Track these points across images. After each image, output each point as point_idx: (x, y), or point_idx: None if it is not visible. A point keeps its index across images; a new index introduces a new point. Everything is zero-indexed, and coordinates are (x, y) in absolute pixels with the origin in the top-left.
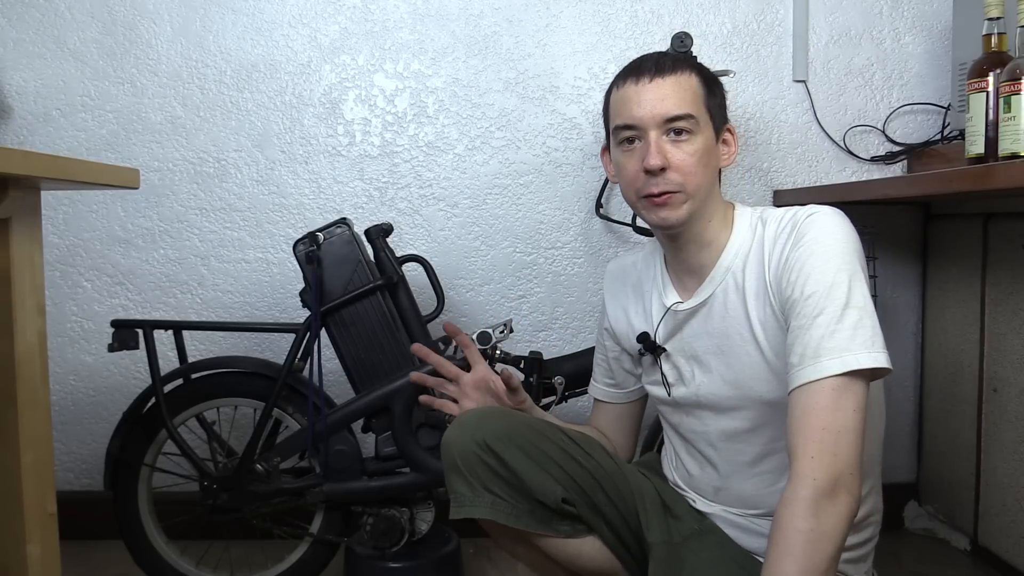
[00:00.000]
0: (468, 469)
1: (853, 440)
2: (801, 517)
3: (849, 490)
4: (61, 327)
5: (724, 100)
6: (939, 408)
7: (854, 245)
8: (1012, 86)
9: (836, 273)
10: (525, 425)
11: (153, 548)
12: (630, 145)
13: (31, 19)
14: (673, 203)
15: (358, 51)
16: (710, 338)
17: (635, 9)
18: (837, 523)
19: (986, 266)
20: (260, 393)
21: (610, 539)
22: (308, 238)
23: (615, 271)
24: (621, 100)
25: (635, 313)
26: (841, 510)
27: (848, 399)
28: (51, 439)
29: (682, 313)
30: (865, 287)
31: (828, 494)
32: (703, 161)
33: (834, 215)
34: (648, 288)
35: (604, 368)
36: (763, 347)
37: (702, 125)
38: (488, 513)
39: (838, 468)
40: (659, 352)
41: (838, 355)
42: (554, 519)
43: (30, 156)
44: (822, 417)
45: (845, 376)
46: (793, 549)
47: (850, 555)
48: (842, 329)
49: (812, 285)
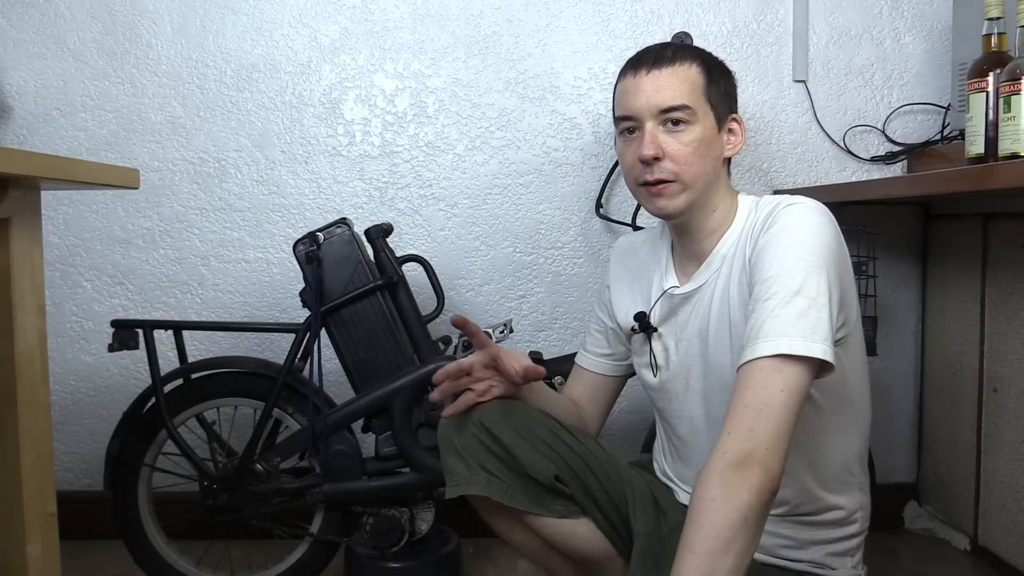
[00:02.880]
0: (464, 447)
1: (773, 417)
2: (707, 487)
3: (763, 465)
4: (61, 327)
5: (732, 89)
6: (939, 408)
7: (823, 239)
8: (1012, 86)
9: (794, 262)
10: (519, 410)
11: (153, 548)
12: (630, 135)
13: (31, 19)
14: (669, 192)
15: (358, 51)
16: (700, 323)
17: (635, 9)
18: (741, 494)
19: (986, 266)
20: (260, 393)
21: (602, 523)
22: (308, 238)
23: (625, 247)
24: (622, 92)
25: (635, 292)
26: (748, 483)
27: (776, 379)
28: (51, 439)
29: (677, 297)
30: (825, 281)
31: (736, 466)
32: (700, 151)
33: (810, 208)
34: (650, 270)
35: (597, 338)
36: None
37: (700, 115)
38: (483, 490)
39: (752, 444)
40: (651, 331)
41: (774, 338)
42: (548, 498)
43: (30, 156)
44: (746, 395)
45: (776, 358)
46: (696, 518)
47: (835, 548)
48: (784, 315)
49: (768, 270)
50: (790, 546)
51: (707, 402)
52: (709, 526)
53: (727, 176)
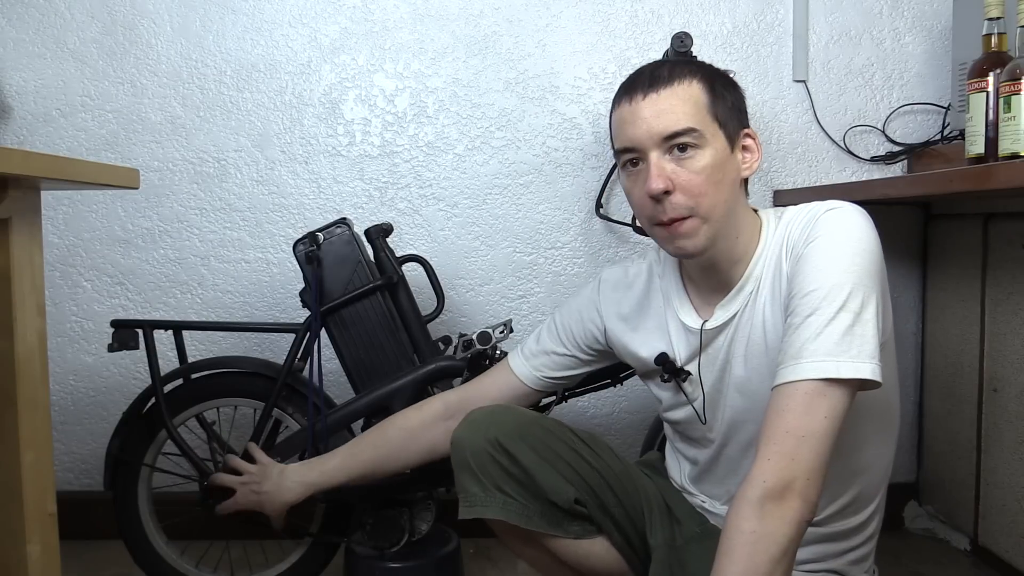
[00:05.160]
0: (480, 468)
1: (816, 446)
2: (745, 518)
3: (803, 495)
4: (61, 327)
5: (741, 102)
6: (939, 408)
7: (868, 245)
8: (1012, 86)
9: (839, 274)
10: (536, 423)
11: (153, 548)
12: (634, 168)
13: (31, 19)
14: (687, 231)
15: (358, 51)
16: (737, 351)
17: (635, 9)
18: (782, 527)
19: (986, 266)
20: (260, 393)
21: (618, 540)
22: (308, 238)
23: (613, 282)
24: (619, 122)
25: (643, 330)
26: (789, 515)
27: (820, 404)
28: (51, 439)
29: (708, 332)
30: (871, 294)
31: (776, 497)
32: (714, 177)
33: (853, 213)
34: (657, 307)
35: (553, 359)
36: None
37: (709, 137)
38: (500, 513)
39: (793, 472)
40: (683, 376)
41: (819, 359)
42: (565, 520)
43: (30, 156)
44: (788, 420)
45: (822, 381)
46: (734, 550)
47: (853, 556)
48: (830, 333)
49: (812, 283)
50: (813, 559)
51: (741, 427)
52: (747, 560)
53: (745, 196)
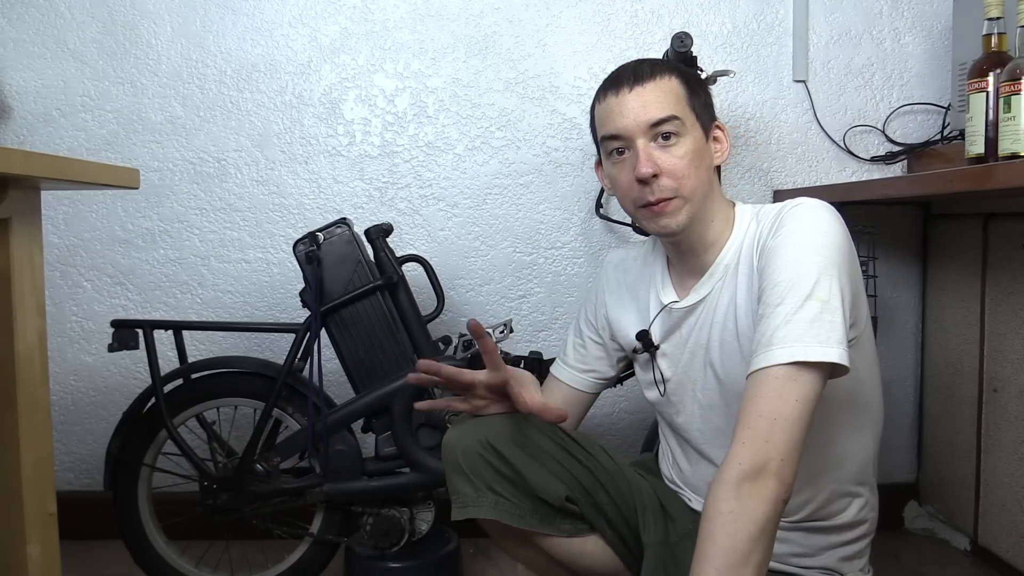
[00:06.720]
0: (471, 469)
1: (788, 428)
2: (723, 499)
3: (778, 476)
4: (61, 327)
5: (709, 98)
6: (939, 408)
7: (834, 238)
8: (1012, 86)
9: (805, 264)
10: (526, 424)
11: (153, 548)
12: (620, 156)
13: (31, 19)
14: (671, 210)
15: (358, 51)
16: (706, 334)
17: (635, 9)
18: (759, 505)
19: (986, 266)
20: (260, 393)
21: (611, 538)
22: (308, 238)
23: (616, 264)
24: (605, 112)
25: (633, 310)
26: (765, 493)
27: (792, 388)
28: (51, 439)
29: (679, 311)
30: (837, 282)
31: (752, 478)
32: (695, 163)
33: (818, 207)
34: (646, 286)
35: (581, 353)
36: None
37: (688, 126)
38: (492, 513)
39: (767, 454)
40: (654, 350)
41: (789, 345)
42: (557, 518)
43: (30, 156)
44: (761, 404)
45: (792, 366)
46: (713, 531)
47: (845, 552)
48: (798, 320)
49: (779, 274)
50: (803, 554)
51: (715, 413)
52: (727, 539)
53: (719, 184)
